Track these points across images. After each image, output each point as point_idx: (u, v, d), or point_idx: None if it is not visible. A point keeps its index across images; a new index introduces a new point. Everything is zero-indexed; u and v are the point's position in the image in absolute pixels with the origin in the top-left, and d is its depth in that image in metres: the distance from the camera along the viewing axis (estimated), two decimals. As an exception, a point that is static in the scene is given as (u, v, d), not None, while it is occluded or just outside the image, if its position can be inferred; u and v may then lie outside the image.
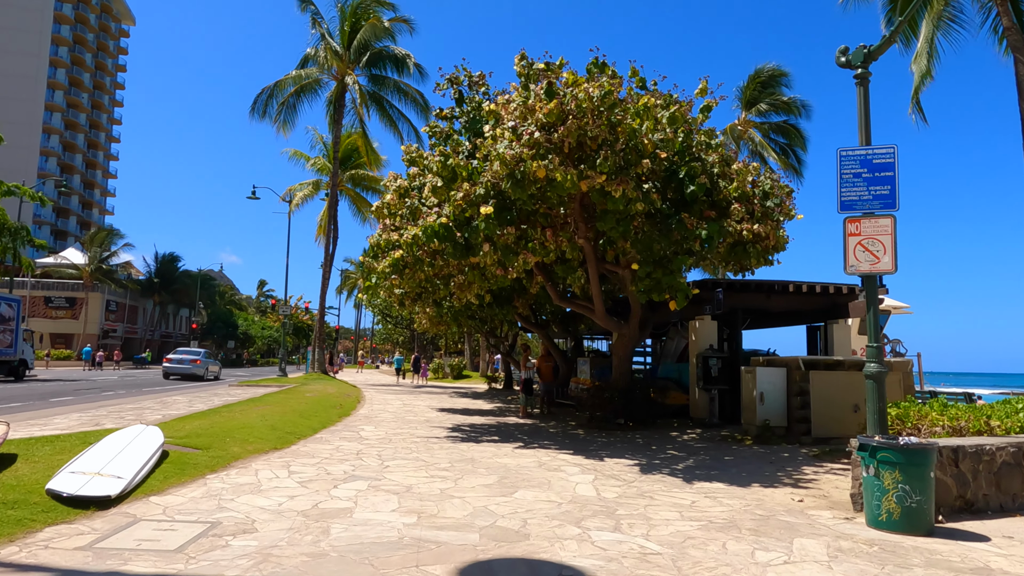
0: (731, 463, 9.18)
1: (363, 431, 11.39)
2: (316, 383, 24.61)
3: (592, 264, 11.93)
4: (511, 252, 10.03)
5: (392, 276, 11.09)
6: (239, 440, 8.74)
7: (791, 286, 15.12)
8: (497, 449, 9.80)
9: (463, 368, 40.58)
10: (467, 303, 18.17)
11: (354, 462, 8.00)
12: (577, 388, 19.26)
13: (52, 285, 63.45)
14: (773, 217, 10.31)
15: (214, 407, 13.65)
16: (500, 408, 18.59)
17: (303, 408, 13.77)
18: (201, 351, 33.48)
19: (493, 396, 24.49)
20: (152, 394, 20.11)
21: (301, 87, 27.55)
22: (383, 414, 15.14)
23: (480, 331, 27.58)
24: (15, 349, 26.77)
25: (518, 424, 14.14)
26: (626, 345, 13.94)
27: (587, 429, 13.56)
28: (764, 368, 11.69)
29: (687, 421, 15.21)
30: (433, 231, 10.30)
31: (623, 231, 9.54)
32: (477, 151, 10.60)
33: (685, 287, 9.70)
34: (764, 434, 11.42)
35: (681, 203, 10.23)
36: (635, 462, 9.00)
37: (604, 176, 8.79)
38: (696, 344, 15.03)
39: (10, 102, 73.28)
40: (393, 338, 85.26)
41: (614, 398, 13.74)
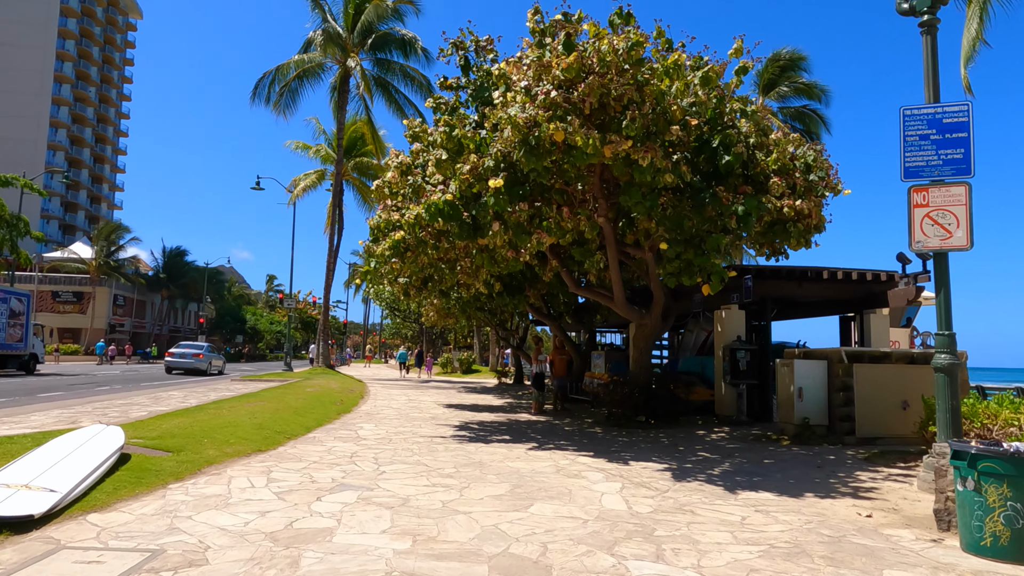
0: (773, 467, 8.12)
1: (362, 430, 10.42)
2: (319, 378, 23.72)
3: (612, 247, 10.87)
4: (523, 232, 9.00)
5: (392, 260, 10.08)
6: (219, 441, 7.78)
7: (825, 272, 14.00)
8: (508, 451, 8.79)
9: (472, 363, 39.64)
10: (476, 294, 17.19)
11: (346, 467, 7.01)
12: (592, 383, 18.21)
13: (60, 280, 63.10)
14: (817, 192, 9.21)
15: (205, 403, 12.75)
16: (511, 404, 17.59)
17: (299, 404, 12.82)
18: (204, 345, 32.69)
19: (503, 391, 23.50)
20: (149, 389, 19.28)
21: (303, 71, 26.57)
22: (386, 411, 14.17)
23: (489, 324, 26.59)
24: (25, 343, 26.82)
25: (530, 422, 13.13)
26: (647, 337, 12.88)
27: (605, 427, 12.52)
28: (803, 361, 10.60)
29: (712, 418, 14.13)
30: (437, 209, 9.28)
31: (650, 206, 8.48)
32: (485, 120, 9.55)
33: (720, 269, 8.62)
34: (803, 433, 10.34)
35: (714, 176, 9.15)
36: (664, 466, 7.96)
37: (630, 142, 7.72)
38: (722, 336, 13.95)
39: (17, 96, 72.91)
40: (402, 333, 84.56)
41: (634, 394, 12.70)
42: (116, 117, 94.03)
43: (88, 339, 61.49)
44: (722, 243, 8.28)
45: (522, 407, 16.79)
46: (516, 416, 14.21)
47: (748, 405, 13.55)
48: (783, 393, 10.89)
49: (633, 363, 13.26)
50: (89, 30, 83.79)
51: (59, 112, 78.69)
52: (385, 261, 10.21)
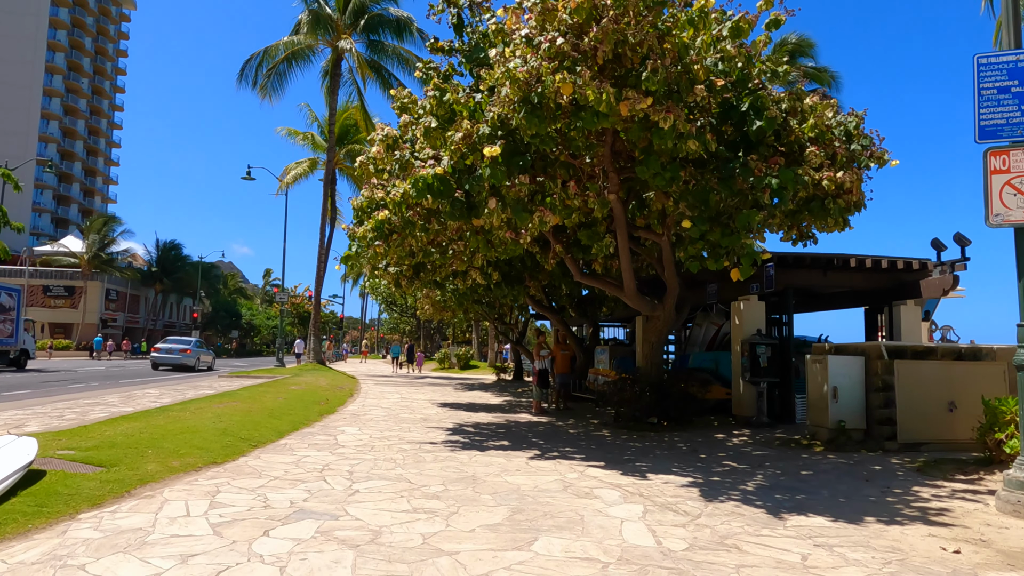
0: (813, 480, 6.99)
1: (342, 434, 9.27)
2: (309, 374, 22.60)
3: (622, 230, 9.71)
4: (523, 209, 7.84)
5: (376, 243, 8.92)
6: (167, 452, 6.63)
7: (852, 260, 12.86)
8: (507, 461, 7.64)
9: (470, 358, 38.52)
10: (472, 285, 16.06)
11: (312, 485, 5.87)
12: (597, 380, 17.08)
13: (51, 274, 61.82)
14: (860, 163, 8.04)
15: (172, 403, 11.60)
16: (510, 403, 16.45)
17: (277, 405, 11.68)
18: (192, 340, 31.55)
19: (502, 388, 22.37)
20: (127, 387, 18.14)
21: (292, 53, 25.31)
22: (374, 411, 13.03)
23: (488, 318, 25.45)
24: (16, 339, 26.31)
25: (531, 423, 11.99)
26: (659, 330, 11.73)
27: (613, 429, 11.39)
28: (837, 357, 9.45)
29: (728, 419, 13.00)
30: (426, 184, 8.11)
31: (670, 178, 7.31)
32: (480, 83, 8.39)
33: (752, 249, 7.46)
34: (838, 438, 9.20)
35: (742, 145, 7.98)
36: (689, 480, 6.82)
37: (650, 99, 6.55)
38: (740, 329, 12.79)
39: (6, 87, 71.48)
40: (400, 328, 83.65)
41: (643, 393, 11.55)
42: (110, 109, 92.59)
43: (79, 334, 60.33)
44: (754, 220, 7.12)
45: (522, 406, 15.66)
46: (516, 417, 13.08)
47: (768, 405, 12.42)
48: (814, 393, 9.74)
49: (643, 359, 12.12)
50: (81, 20, 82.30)
51: (51, 104, 77.28)
52: (368, 244, 9.04)
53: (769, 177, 7.33)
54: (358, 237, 9.06)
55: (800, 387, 13.06)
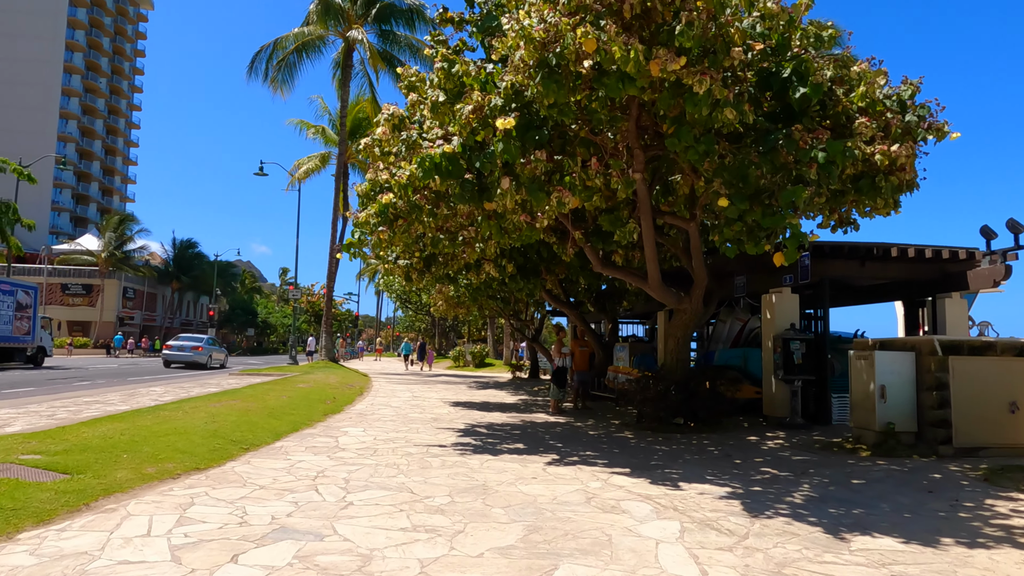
0: (867, 491, 6.18)
1: (345, 436, 8.60)
2: (320, 372, 22.05)
3: (647, 215, 8.93)
4: (540, 189, 7.09)
5: (380, 228, 8.22)
6: (145, 456, 5.99)
7: (894, 250, 11.95)
8: (522, 467, 6.91)
9: (485, 356, 37.85)
10: (486, 280, 15.35)
11: (301, 495, 5.18)
12: (616, 379, 16.30)
13: (69, 272, 62.17)
14: (916, 136, 7.19)
15: (174, 401, 11.02)
16: (525, 402, 15.73)
17: (279, 404, 11.05)
18: (204, 337, 31.18)
19: (517, 387, 21.65)
20: (134, 384, 17.68)
21: (303, 44, 24.75)
22: (383, 410, 12.37)
23: (503, 314, 24.74)
24: (33, 336, 26.43)
25: (548, 424, 11.25)
26: (686, 325, 10.93)
27: (636, 431, 10.63)
28: (886, 353, 8.59)
29: (758, 419, 12.18)
30: (433, 164, 7.40)
31: (704, 152, 6.53)
32: (492, 53, 7.66)
33: (798, 230, 6.65)
34: (886, 442, 8.35)
35: (782, 116, 7.18)
36: (727, 490, 6.05)
37: (683, 59, 5.78)
38: (772, 324, 11.95)
39: (25, 87, 72.04)
40: (416, 326, 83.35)
41: (669, 392, 10.76)
42: (128, 108, 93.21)
43: (97, 332, 60.59)
44: (800, 198, 6.31)
45: (538, 405, 14.93)
46: (531, 417, 12.35)
47: (802, 405, 11.56)
48: (859, 392, 8.89)
49: (668, 356, 11.33)
50: (99, 20, 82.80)
51: (69, 103, 77.79)
52: (372, 231, 8.35)
53: (815, 150, 6.52)
54: (361, 223, 8.38)
55: (836, 386, 12.21)
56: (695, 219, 9.45)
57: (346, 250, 8.50)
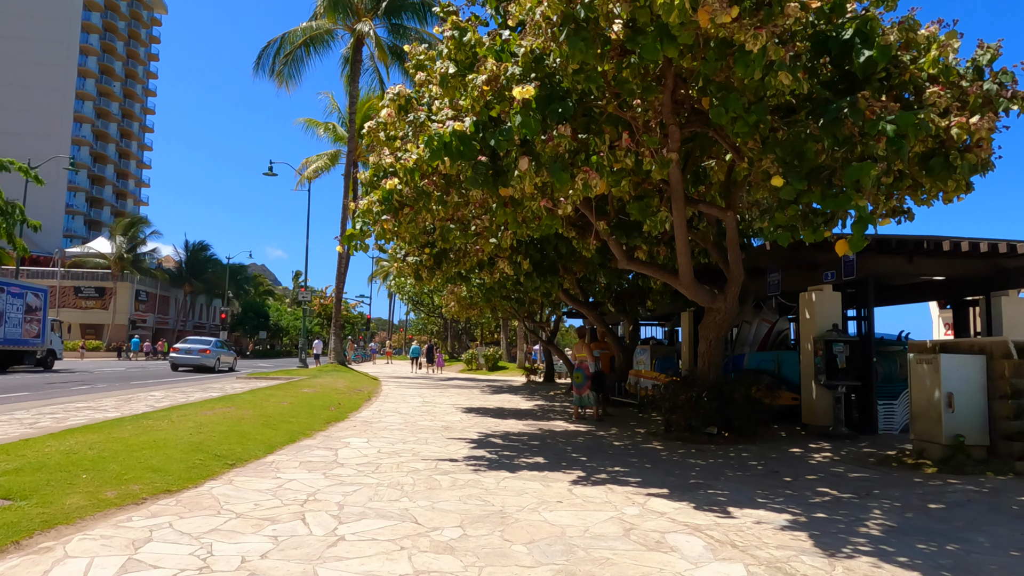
0: (951, 519, 5.24)
1: (345, 448, 7.76)
2: (328, 375, 21.30)
3: (679, 202, 8.03)
4: (563, 169, 6.22)
5: (383, 217, 7.39)
6: (108, 476, 5.18)
7: (946, 243, 10.91)
8: (544, 487, 6.03)
9: (498, 359, 36.99)
10: (500, 279, 14.50)
11: (283, 527, 4.34)
12: (638, 383, 15.37)
13: (81, 275, 62.14)
14: (998, 106, 6.23)
15: (164, 408, 10.25)
16: (542, 408, 14.84)
17: (279, 411, 10.25)
18: (212, 340, 30.58)
19: (532, 391, 20.76)
20: (137, 388, 17.03)
21: (310, 38, 24.08)
22: (390, 417, 11.54)
23: (517, 316, 23.86)
24: (42, 339, 26.30)
25: (569, 433, 10.35)
26: (719, 325, 10.00)
27: (664, 440, 9.72)
28: (952, 357, 7.62)
29: (795, 428, 11.22)
30: (442, 143, 6.56)
31: (755, 123, 5.63)
32: (509, 19, 6.80)
33: (867, 214, 5.72)
34: (954, 457, 7.38)
35: (843, 84, 6.26)
36: (787, 517, 5.14)
37: (737, 9, 4.89)
38: (811, 324, 10.98)
39: (39, 90, 72.28)
40: (428, 328, 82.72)
41: (700, 398, 9.85)
42: (141, 112, 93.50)
43: (110, 335, 60.47)
44: (868, 175, 5.38)
45: (555, 411, 14.03)
46: (550, 425, 11.46)
47: (845, 413, 10.59)
48: (921, 400, 7.92)
49: (700, 359, 10.40)
50: (113, 24, 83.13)
51: (83, 107, 78.04)
52: (374, 220, 7.51)
53: (883, 122, 5.60)
54: (363, 212, 7.55)
55: (882, 392, 11.23)
56: (732, 208, 8.54)
57: (346, 242, 7.67)
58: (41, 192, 71.77)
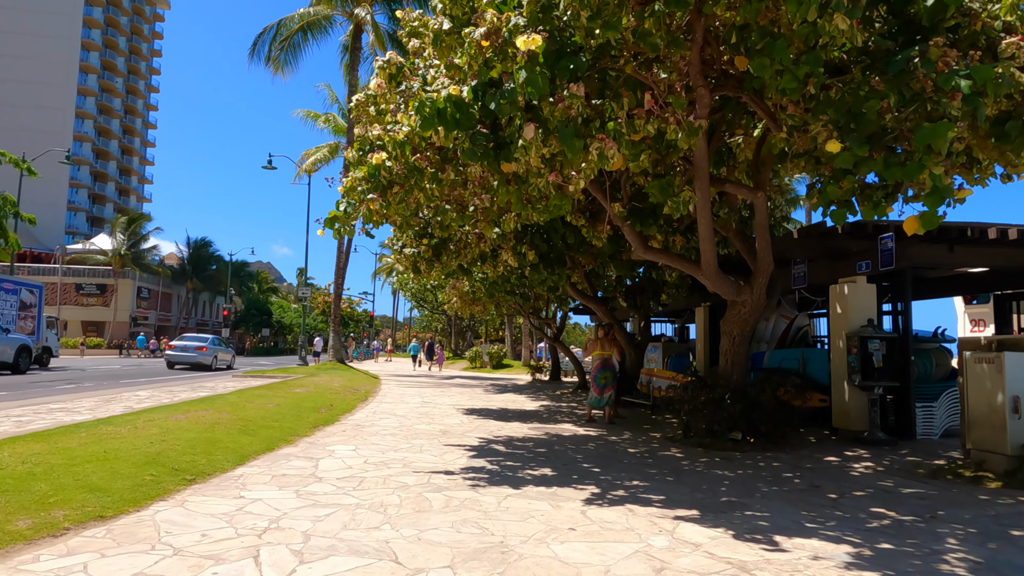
0: (1045, 551, 4.34)
1: (329, 458, 6.90)
2: (325, 374, 20.46)
3: (704, 180, 7.13)
4: (575, 135, 5.32)
5: (369, 197, 6.50)
6: (32, 498, 4.31)
7: (992, 231, 9.94)
8: (554, 508, 5.15)
9: (503, 357, 36.13)
10: (504, 273, 13.64)
11: (229, 568, 3.47)
12: (651, 383, 14.47)
13: (83, 272, 61.59)
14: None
15: (141, 409, 9.40)
16: (548, 409, 13.96)
17: (262, 414, 9.39)
18: (209, 337, 29.78)
19: (538, 390, 19.88)
20: (126, 387, 16.22)
21: (308, 24, 23.20)
22: (385, 420, 10.68)
23: (522, 312, 22.99)
24: (37, 336, 25.59)
25: (578, 438, 9.47)
26: (744, 321, 9.09)
27: (684, 446, 8.84)
28: (1019, 355, 6.70)
29: (825, 432, 10.32)
30: (435, 110, 5.68)
31: (805, 76, 4.72)
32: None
33: (942, 183, 4.79)
34: (1022, 469, 6.47)
35: (903, 35, 5.34)
36: (847, 549, 4.24)
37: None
38: (843, 319, 10.05)
39: (40, 86, 71.70)
40: (433, 326, 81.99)
41: (723, 400, 8.94)
42: (144, 108, 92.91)
43: (111, 332, 59.95)
44: (944, 138, 4.47)
45: (562, 413, 13.15)
46: (557, 428, 10.58)
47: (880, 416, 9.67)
48: (980, 404, 6.99)
49: (722, 357, 9.49)
50: (115, 19, 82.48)
51: (85, 103, 77.44)
52: (360, 199, 6.63)
53: (956, 77, 4.68)
54: (347, 190, 6.66)
55: (920, 394, 10.28)
56: (761, 187, 7.63)
57: (329, 225, 6.78)
58: (42, 188, 71.30)
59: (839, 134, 4.86)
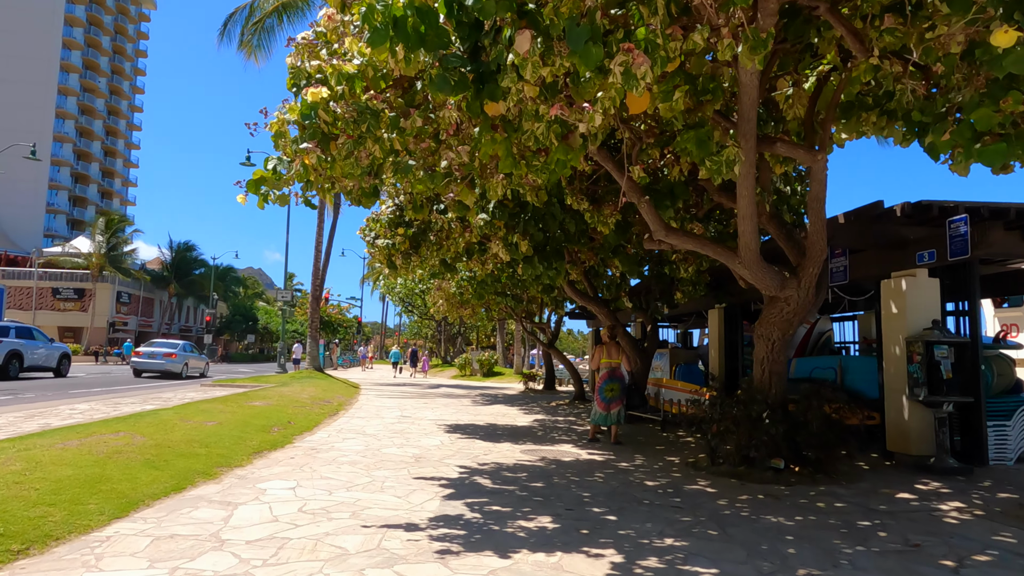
0: None
1: (252, 504, 5.12)
2: (297, 383, 18.62)
3: (750, 133, 5.44)
4: (590, 39, 3.60)
5: (304, 148, 4.76)
6: None
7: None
8: (559, 597, 3.41)
9: (494, 364, 34.35)
10: (494, 271, 11.93)
11: None
12: (659, 395, 12.75)
13: (60, 275, 59.39)
14: None
15: (74, 424, 7.58)
16: (543, 424, 12.20)
17: (194, 436, 7.57)
18: (179, 343, 27.81)
19: (530, 401, 18.13)
20: (69, 398, 14.35)
21: (283, 4, 21.45)
22: (349, 441, 8.90)
23: (514, 315, 21.25)
24: None
25: (582, 466, 7.71)
26: (787, 320, 7.39)
27: (714, 477, 7.14)
28: None
29: (873, 456, 8.64)
30: (391, 19, 3.97)
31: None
32: None
33: None
34: None
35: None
36: None
37: None
38: (899, 320, 8.37)
39: (19, 84, 69.56)
40: (423, 332, 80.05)
41: (761, 419, 7.23)
42: (129, 110, 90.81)
43: (89, 338, 57.74)
44: None
45: (559, 428, 11.41)
46: (555, 450, 8.82)
47: (946, 437, 7.97)
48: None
49: (757, 367, 7.77)
50: (98, 18, 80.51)
51: (66, 102, 75.34)
52: (293, 154, 4.88)
53: None
54: (274, 136, 4.89)
55: (991, 411, 8.60)
56: (822, 147, 5.95)
57: (252, 190, 5.01)
58: (20, 190, 69.16)
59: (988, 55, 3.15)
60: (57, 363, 23.15)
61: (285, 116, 4.78)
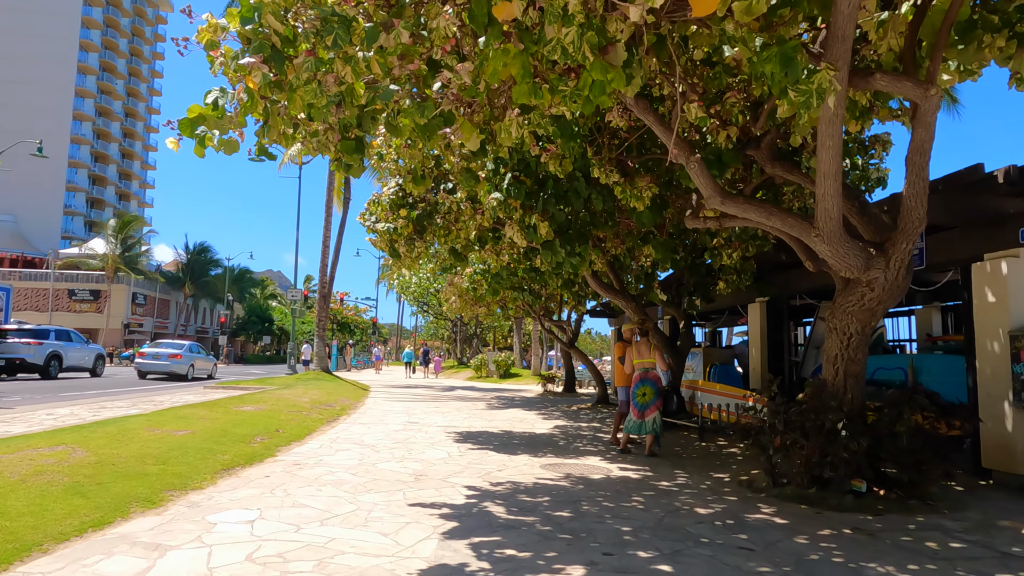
0: None
1: (187, 548, 3.88)
2: (301, 386, 17.49)
3: (843, 57, 4.10)
4: None
5: (245, 61, 3.49)
6: None
7: None
8: None
9: (511, 365, 33.06)
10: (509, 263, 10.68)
11: None
12: (695, 398, 11.36)
13: (76, 277, 59.29)
14: None
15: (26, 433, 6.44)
16: (565, 432, 10.88)
17: (145, 452, 6.37)
18: (185, 343, 26.84)
19: (550, 405, 16.80)
20: (58, 401, 13.36)
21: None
22: (343, 453, 7.66)
23: (531, 312, 19.94)
24: None
25: (614, 486, 6.38)
26: (869, 310, 6.00)
27: (778, 502, 5.80)
28: None
29: (959, 471, 7.21)
30: None
31: None
32: None
33: None
34: None
35: None
36: None
37: None
38: (998, 310, 6.94)
39: (37, 86, 69.66)
40: (439, 333, 79.08)
41: (836, 431, 5.86)
42: (145, 112, 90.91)
43: (104, 340, 57.41)
44: None
45: (583, 437, 10.10)
46: (581, 464, 7.50)
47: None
48: None
49: (827, 366, 6.40)
50: (115, 20, 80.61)
51: (84, 105, 75.42)
52: (235, 78, 3.61)
53: None
54: (206, 43, 3.61)
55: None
56: (931, 80, 4.57)
57: (186, 131, 3.76)
58: (38, 192, 69.27)
59: None
60: (93, 363, 23.46)
61: (220, 21, 3.51)
